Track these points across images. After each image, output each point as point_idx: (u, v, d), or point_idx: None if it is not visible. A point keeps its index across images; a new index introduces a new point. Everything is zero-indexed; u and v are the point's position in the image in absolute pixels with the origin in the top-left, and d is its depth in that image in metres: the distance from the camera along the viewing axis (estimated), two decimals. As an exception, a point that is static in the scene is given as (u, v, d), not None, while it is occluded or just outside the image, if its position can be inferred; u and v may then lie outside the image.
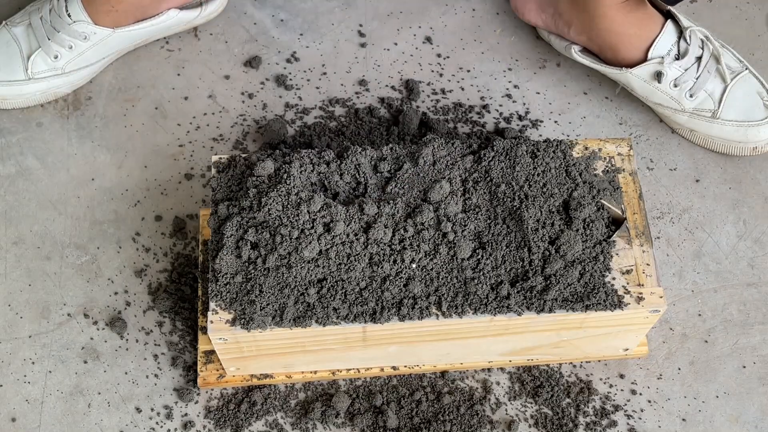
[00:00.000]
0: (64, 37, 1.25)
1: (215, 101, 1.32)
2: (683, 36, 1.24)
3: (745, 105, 1.25)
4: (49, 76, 1.27)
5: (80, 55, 1.27)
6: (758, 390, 1.14)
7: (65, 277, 1.20)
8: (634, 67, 1.25)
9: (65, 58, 1.26)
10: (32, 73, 1.26)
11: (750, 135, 1.24)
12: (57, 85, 1.28)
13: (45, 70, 1.27)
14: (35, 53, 1.26)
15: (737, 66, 1.26)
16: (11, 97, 1.27)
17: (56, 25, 1.25)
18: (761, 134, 1.24)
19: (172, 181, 1.26)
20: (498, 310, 1.00)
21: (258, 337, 0.99)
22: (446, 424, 1.10)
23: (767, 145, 1.25)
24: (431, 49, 1.37)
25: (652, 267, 1.03)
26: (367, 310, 1.00)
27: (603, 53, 1.28)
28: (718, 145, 1.27)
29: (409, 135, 1.27)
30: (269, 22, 1.39)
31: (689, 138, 1.28)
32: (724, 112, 1.25)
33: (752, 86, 1.25)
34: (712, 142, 1.27)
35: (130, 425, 1.11)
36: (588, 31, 1.26)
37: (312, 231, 0.99)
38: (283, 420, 1.11)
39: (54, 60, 1.26)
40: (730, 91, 1.24)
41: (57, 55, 1.26)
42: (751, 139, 1.25)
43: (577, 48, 1.29)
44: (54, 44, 1.26)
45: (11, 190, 1.25)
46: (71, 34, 1.25)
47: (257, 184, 1.03)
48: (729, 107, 1.24)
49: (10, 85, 1.26)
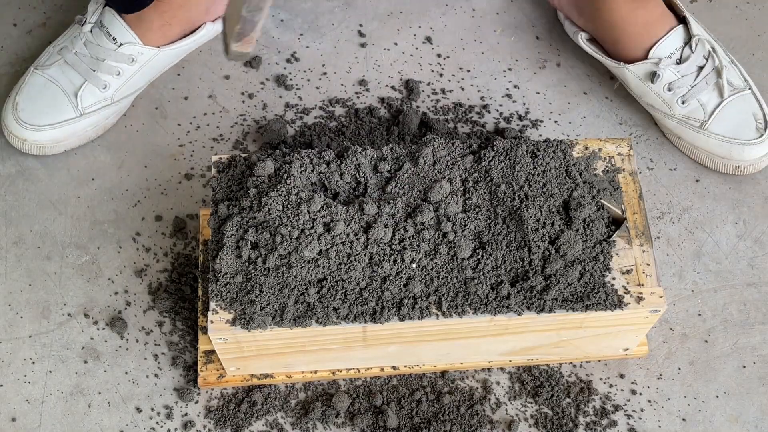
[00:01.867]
0: (110, 65, 1.23)
1: (215, 101, 1.32)
2: (690, 43, 1.24)
3: (737, 123, 1.24)
4: (100, 107, 1.24)
5: (128, 80, 1.25)
6: (758, 390, 1.14)
7: (65, 277, 1.20)
8: (631, 64, 1.25)
9: (114, 86, 1.24)
10: (83, 108, 1.23)
11: (734, 153, 1.24)
12: (105, 116, 1.26)
13: (95, 103, 1.24)
14: (82, 88, 1.23)
15: (740, 84, 1.26)
16: (64, 138, 1.24)
17: (99, 54, 1.23)
18: (745, 154, 1.24)
19: (172, 181, 1.26)
20: (498, 310, 1.00)
21: (258, 336, 0.99)
22: (446, 424, 1.10)
23: (750, 167, 1.25)
24: (431, 49, 1.37)
25: (652, 267, 1.03)
26: (367, 310, 1.00)
27: (606, 45, 1.28)
28: (702, 158, 1.26)
29: (409, 135, 1.27)
30: (269, 22, 1.39)
31: (677, 145, 1.28)
32: (712, 125, 1.24)
33: (749, 106, 1.25)
34: (697, 153, 1.26)
35: (130, 425, 1.11)
36: (594, 20, 1.27)
37: (312, 231, 0.99)
38: (283, 420, 1.11)
39: (103, 90, 1.24)
40: (725, 106, 1.24)
41: (106, 84, 1.23)
42: (735, 156, 1.24)
43: (585, 35, 1.30)
44: (101, 74, 1.23)
45: (11, 190, 1.25)
46: (118, 59, 1.23)
47: (257, 184, 1.03)
48: (719, 121, 1.24)
49: (61, 126, 1.23)
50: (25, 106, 1.23)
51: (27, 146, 1.24)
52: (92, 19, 1.24)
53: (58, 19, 1.33)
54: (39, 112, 1.23)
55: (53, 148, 1.25)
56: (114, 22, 1.23)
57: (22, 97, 1.24)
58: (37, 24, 1.37)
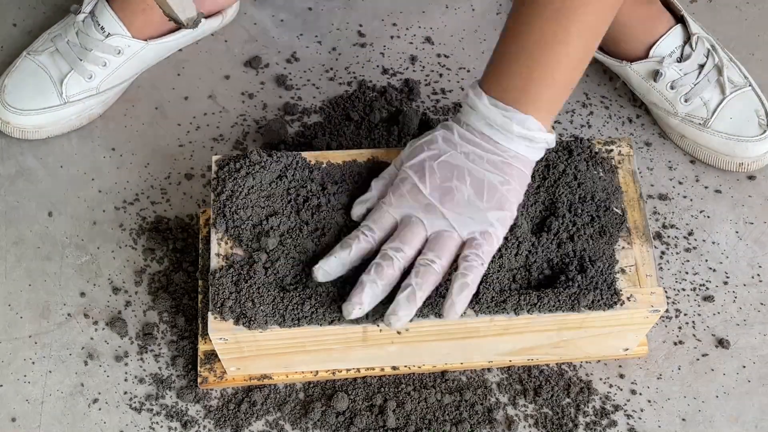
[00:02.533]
0: (97, 55, 1.24)
1: (215, 101, 1.32)
2: (690, 41, 1.24)
3: (739, 120, 1.24)
4: (84, 97, 1.25)
5: (114, 71, 1.26)
6: (758, 390, 1.14)
7: (65, 277, 1.20)
8: (634, 62, 1.25)
9: (99, 76, 1.25)
10: (67, 96, 1.24)
11: (738, 150, 1.24)
12: (91, 106, 1.27)
13: (79, 92, 1.25)
14: (68, 76, 1.24)
15: (741, 81, 1.26)
16: (47, 125, 1.25)
17: (87, 44, 1.24)
18: (749, 151, 1.24)
19: (172, 181, 1.26)
20: (498, 311, 0.99)
21: (258, 336, 0.99)
22: (446, 424, 1.10)
23: (754, 163, 1.25)
24: (431, 49, 1.37)
25: (652, 267, 1.03)
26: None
27: (606, 44, 1.28)
28: (705, 156, 1.26)
29: (409, 135, 1.27)
30: (269, 22, 1.39)
31: (679, 144, 1.28)
32: (715, 123, 1.24)
33: (751, 103, 1.25)
34: (700, 151, 1.26)
35: (130, 425, 1.11)
36: None
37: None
38: (283, 420, 1.11)
39: (88, 80, 1.25)
40: (727, 103, 1.24)
41: (91, 75, 1.24)
42: (738, 154, 1.24)
43: None
44: (87, 64, 1.24)
45: (11, 190, 1.25)
46: (105, 50, 1.24)
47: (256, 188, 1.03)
48: (722, 119, 1.24)
49: (44, 113, 1.24)
50: (12, 89, 1.25)
51: (9, 129, 1.25)
52: (86, 9, 1.25)
53: (58, 20, 1.33)
54: (25, 96, 1.24)
55: (35, 134, 1.26)
56: (104, 11, 1.24)
57: (10, 80, 1.26)
58: (37, 24, 1.37)
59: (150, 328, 1.16)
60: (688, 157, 1.29)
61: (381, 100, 1.31)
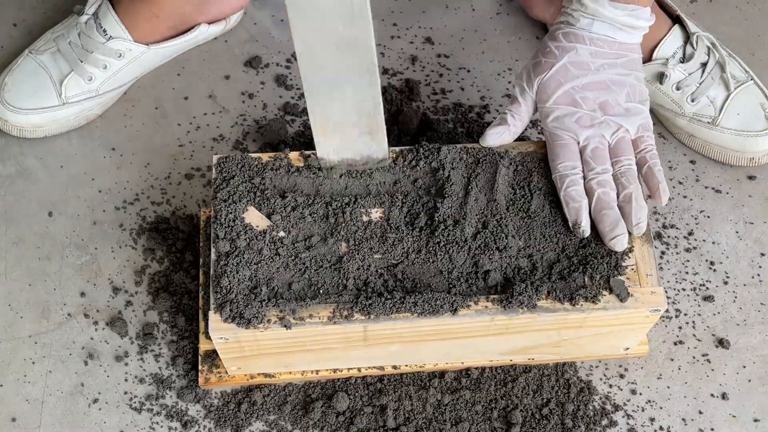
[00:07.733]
0: (98, 57, 1.24)
1: (215, 101, 1.32)
2: (690, 41, 1.24)
3: (746, 115, 1.24)
4: (83, 99, 1.25)
5: (114, 75, 1.26)
6: (758, 390, 1.14)
7: (65, 277, 1.19)
8: None
9: (99, 79, 1.25)
10: (66, 97, 1.24)
11: (748, 145, 1.24)
12: (89, 108, 1.27)
13: (78, 94, 1.25)
14: (68, 77, 1.24)
15: (742, 76, 1.26)
16: (45, 124, 1.25)
17: (89, 46, 1.24)
18: (759, 145, 1.24)
19: (172, 181, 1.26)
20: (498, 310, 1.00)
21: (259, 336, 0.99)
22: (446, 423, 1.10)
23: (765, 157, 1.25)
24: (431, 49, 1.37)
25: (652, 267, 1.03)
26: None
27: None
28: (716, 153, 1.27)
29: (409, 135, 1.27)
30: (269, 22, 1.39)
31: (688, 143, 1.28)
32: (723, 120, 1.24)
33: (755, 97, 1.25)
34: (710, 149, 1.27)
35: (130, 425, 1.11)
36: None
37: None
38: (284, 420, 1.11)
39: (88, 82, 1.25)
40: (733, 99, 1.24)
41: (91, 77, 1.24)
42: (748, 149, 1.25)
43: None
44: (88, 66, 1.24)
45: (11, 190, 1.25)
46: (106, 52, 1.24)
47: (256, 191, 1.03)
48: (729, 115, 1.24)
49: (43, 112, 1.24)
50: (12, 87, 1.25)
51: (7, 127, 1.25)
52: (90, 11, 1.25)
53: (58, 20, 1.33)
54: (24, 95, 1.25)
55: (32, 133, 1.26)
56: (107, 14, 1.24)
57: (11, 78, 1.26)
58: (38, 24, 1.37)
59: (150, 328, 1.16)
60: (688, 157, 1.29)
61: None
